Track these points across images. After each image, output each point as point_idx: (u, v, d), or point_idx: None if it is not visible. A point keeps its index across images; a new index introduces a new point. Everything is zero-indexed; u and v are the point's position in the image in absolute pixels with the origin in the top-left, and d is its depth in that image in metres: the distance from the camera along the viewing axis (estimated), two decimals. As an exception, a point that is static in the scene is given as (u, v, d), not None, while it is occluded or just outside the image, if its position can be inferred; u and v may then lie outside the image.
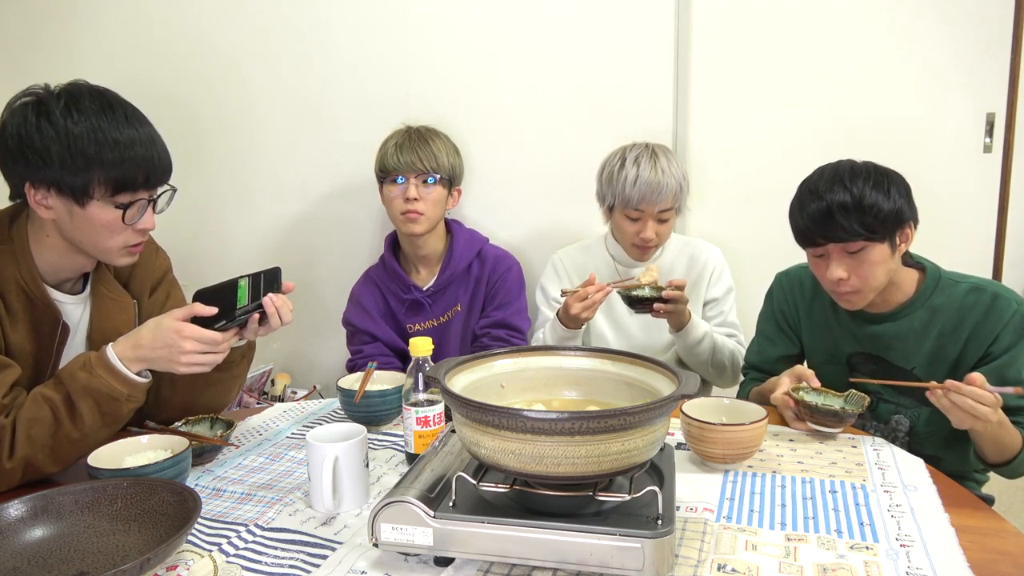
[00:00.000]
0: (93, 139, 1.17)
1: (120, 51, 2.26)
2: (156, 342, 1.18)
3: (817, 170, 1.36)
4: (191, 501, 0.96)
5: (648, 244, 1.75)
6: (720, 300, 1.83)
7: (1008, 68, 2.01)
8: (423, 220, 1.83)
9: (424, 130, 1.90)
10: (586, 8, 2.06)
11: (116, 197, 1.21)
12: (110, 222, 1.22)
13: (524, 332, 1.92)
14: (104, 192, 1.20)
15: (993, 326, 1.32)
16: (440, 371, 0.95)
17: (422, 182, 1.83)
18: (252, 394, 2.15)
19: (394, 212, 1.85)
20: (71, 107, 1.18)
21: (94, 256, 1.29)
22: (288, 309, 1.29)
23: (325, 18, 2.17)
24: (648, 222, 1.71)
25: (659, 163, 1.68)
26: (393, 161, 1.83)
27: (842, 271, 1.31)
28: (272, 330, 1.30)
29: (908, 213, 1.31)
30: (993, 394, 1.16)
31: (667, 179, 1.66)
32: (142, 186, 1.23)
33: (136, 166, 1.21)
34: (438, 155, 1.85)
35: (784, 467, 1.18)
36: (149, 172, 1.23)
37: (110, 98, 1.23)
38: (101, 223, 1.22)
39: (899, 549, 0.92)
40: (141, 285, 1.44)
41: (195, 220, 2.32)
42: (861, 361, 1.46)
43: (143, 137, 1.22)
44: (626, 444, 0.83)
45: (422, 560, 0.92)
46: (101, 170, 1.18)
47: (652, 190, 1.65)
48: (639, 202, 1.68)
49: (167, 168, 1.28)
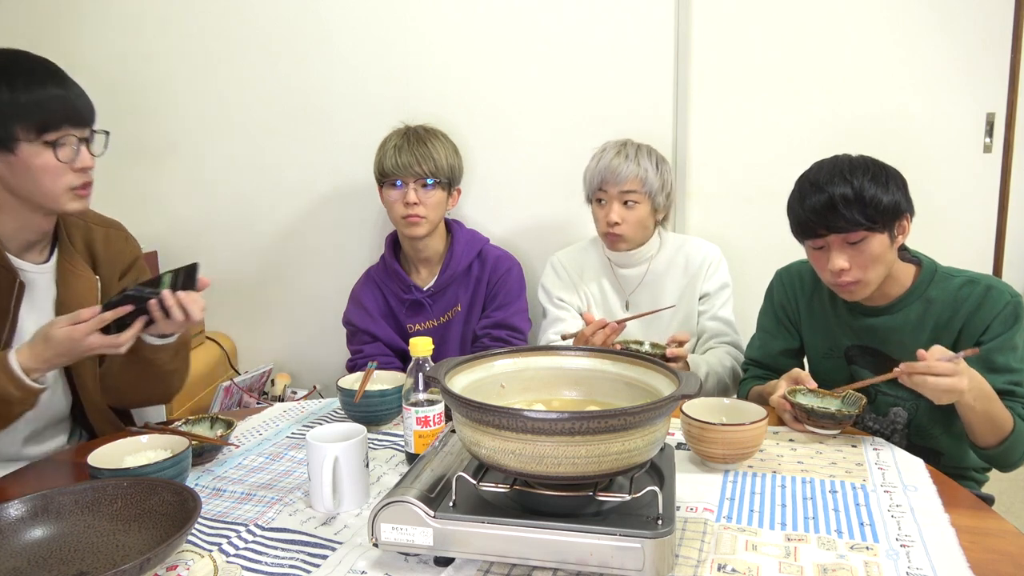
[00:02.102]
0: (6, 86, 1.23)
1: (120, 51, 2.26)
2: (55, 350, 1.23)
3: (815, 164, 1.37)
4: (191, 501, 0.96)
5: (613, 228, 1.74)
6: (712, 295, 1.81)
7: (1008, 68, 2.01)
8: (424, 223, 1.83)
9: (422, 131, 1.89)
10: (586, 8, 2.07)
11: (43, 136, 1.25)
12: (45, 164, 1.27)
13: (525, 333, 1.92)
14: (29, 134, 1.25)
15: (985, 316, 1.33)
16: (440, 371, 0.95)
17: (421, 186, 1.83)
18: (252, 394, 2.15)
19: (395, 216, 1.85)
20: None
21: (46, 207, 1.32)
22: (199, 307, 1.30)
23: (325, 18, 2.17)
24: (612, 204, 1.74)
25: (626, 150, 1.75)
26: (391, 164, 1.83)
27: (843, 261, 1.32)
28: (182, 326, 1.32)
29: (905, 205, 1.32)
30: (952, 360, 1.17)
31: (630, 163, 1.73)
32: (65, 122, 1.27)
33: (53, 104, 1.26)
34: (436, 157, 1.84)
35: (784, 467, 1.18)
36: (68, 109, 1.27)
37: (21, 54, 1.29)
38: (37, 167, 1.26)
39: (899, 549, 0.92)
40: (110, 268, 1.49)
41: (195, 220, 2.33)
42: (858, 354, 1.47)
43: (55, 78, 1.28)
44: (626, 444, 0.83)
45: (422, 560, 0.92)
46: (20, 112, 1.23)
47: (613, 170, 1.73)
48: (601, 183, 1.75)
49: (88, 107, 1.32)
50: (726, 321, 1.81)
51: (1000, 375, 1.30)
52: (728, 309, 1.82)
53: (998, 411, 1.26)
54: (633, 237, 1.78)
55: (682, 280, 1.82)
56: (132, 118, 2.25)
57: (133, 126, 2.26)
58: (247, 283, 2.37)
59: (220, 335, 2.37)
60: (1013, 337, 1.32)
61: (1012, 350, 1.32)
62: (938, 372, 1.17)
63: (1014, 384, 1.30)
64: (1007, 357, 1.32)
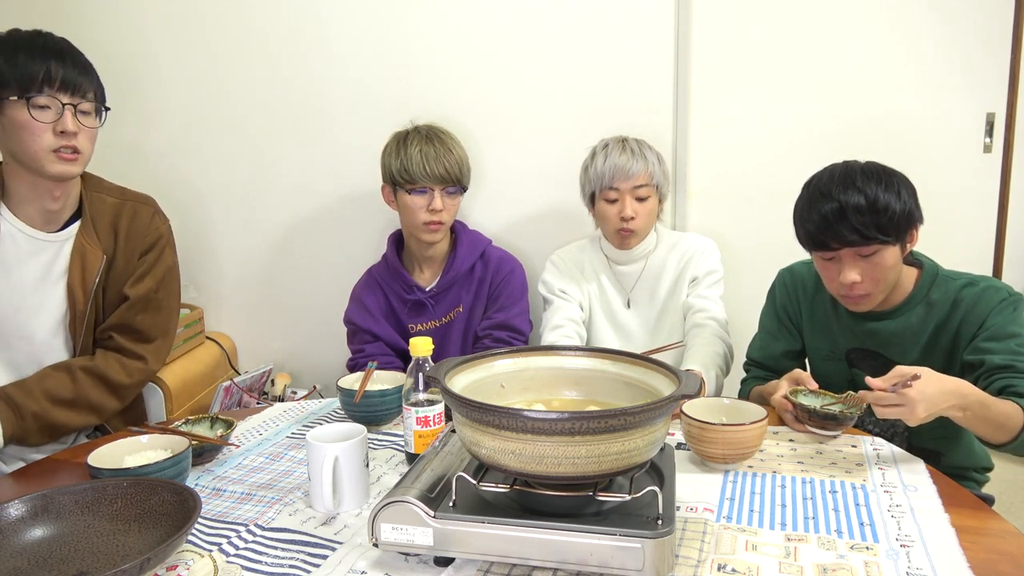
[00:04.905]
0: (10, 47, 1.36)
1: (120, 51, 2.26)
2: None
3: (824, 170, 1.34)
4: (191, 501, 0.96)
5: (629, 222, 1.75)
6: (699, 280, 1.80)
7: (1008, 68, 2.01)
8: (443, 229, 1.83)
9: (441, 133, 1.86)
10: (586, 8, 2.06)
11: (26, 95, 1.34)
12: (26, 121, 1.35)
13: (526, 334, 1.92)
14: (13, 91, 1.34)
15: (981, 312, 1.31)
16: (440, 371, 0.95)
17: (447, 193, 1.82)
18: (252, 394, 2.15)
19: (416, 221, 1.82)
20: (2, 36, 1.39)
21: (32, 167, 1.39)
22: None
23: (325, 18, 2.17)
24: (626, 199, 1.74)
25: (628, 145, 1.77)
26: (419, 171, 1.78)
27: (855, 274, 1.30)
28: None
29: (917, 214, 1.31)
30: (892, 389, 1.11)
31: (637, 158, 1.75)
32: (46, 84, 1.35)
33: (34, 63, 1.34)
34: (461, 164, 1.84)
35: (784, 467, 1.18)
36: (57, 77, 1.35)
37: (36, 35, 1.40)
38: (19, 124, 1.35)
39: (899, 549, 0.92)
40: (131, 243, 1.56)
41: (195, 220, 2.32)
42: (859, 357, 1.46)
43: (43, 44, 1.38)
44: (626, 444, 0.83)
45: (422, 560, 0.92)
46: (11, 76, 1.33)
47: (623, 167, 1.74)
48: (613, 180, 1.75)
49: (86, 81, 1.41)
50: (710, 298, 1.78)
51: (997, 354, 1.26)
52: (714, 294, 1.80)
53: (997, 412, 1.19)
54: (644, 230, 1.80)
55: (677, 273, 1.82)
56: (132, 118, 2.25)
57: (133, 126, 2.26)
58: (247, 283, 2.37)
59: (220, 335, 2.37)
60: (1008, 326, 1.29)
61: (1010, 337, 1.28)
62: (884, 403, 1.12)
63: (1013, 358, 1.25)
64: (1004, 342, 1.28)
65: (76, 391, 1.47)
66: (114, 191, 1.58)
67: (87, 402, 1.48)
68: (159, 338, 1.61)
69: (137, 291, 1.55)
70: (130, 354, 1.56)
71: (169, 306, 1.64)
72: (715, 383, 1.58)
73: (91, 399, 1.49)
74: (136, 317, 1.56)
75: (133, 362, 1.56)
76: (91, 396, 1.49)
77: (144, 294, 1.56)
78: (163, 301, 1.61)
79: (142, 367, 1.57)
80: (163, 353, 1.64)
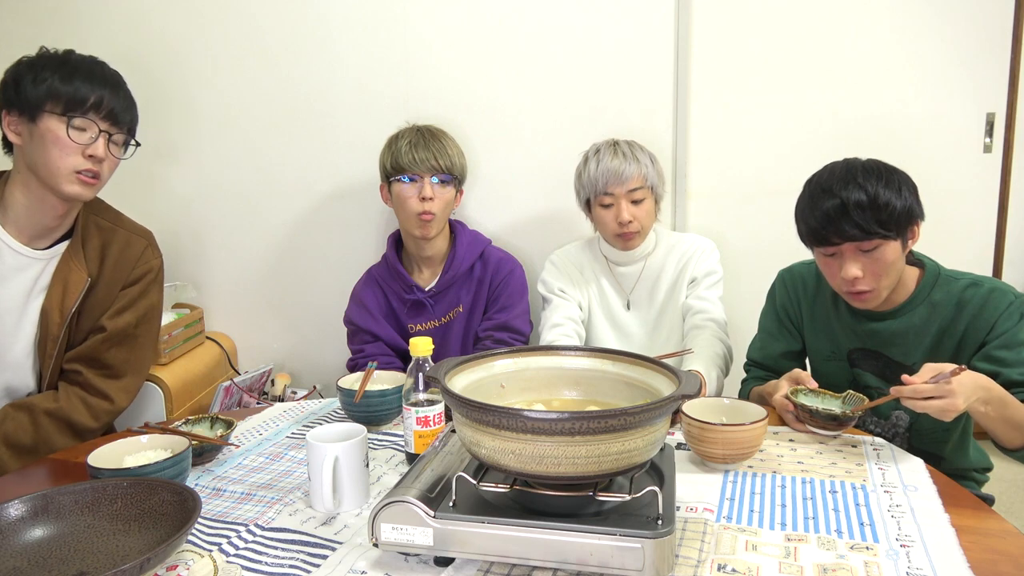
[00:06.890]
0: (58, 62, 1.38)
1: (119, 51, 2.24)
2: None
3: (825, 168, 1.35)
4: (191, 501, 0.96)
5: (626, 227, 1.75)
6: (698, 280, 1.80)
7: (1008, 68, 2.02)
8: (435, 221, 1.83)
9: (434, 129, 1.89)
10: (586, 8, 2.07)
11: (67, 114, 1.36)
12: (59, 137, 1.36)
13: (526, 335, 1.92)
14: (55, 106, 1.36)
15: (989, 316, 1.32)
16: (440, 371, 0.95)
17: (436, 181, 1.82)
18: (252, 394, 2.15)
19: (409, 212, 1.82)
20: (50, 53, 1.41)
21: (49, 182, 1.39)
22: None
23: (324, 18, 2.17)
24: (622, 203, 1.74)
25: (620, 149, 1.76)
26: (408, 159, 1.81)
27: (857, 269, 1.30)
28: None
29: (917, 211, 1.31)
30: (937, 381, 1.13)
31: (629, 161, 1.74)
32: (92, 110, 1.38)
33: (88, 87, 1.37)
34: (451, 154, 1.85)
35: (784, 467, 1.18)
36: (101, 98, 1.38)
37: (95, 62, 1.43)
38: (51, 137, 1.36)
39: (899, 549, 0.92)
40: (115, 273, 1.52)
41: (196, 220, 2.33)
42: (861, 357, 1.46)
43: (102, 73, 1.42)
44: (626, 444, 0.83)
45: (422, 560, 0.92)
46: (57, 93, 1.35)
47: (616, 171, 1.73)
48: (606, 185, 1.74)
49: (127, 114, 1.45)
50: (709, 299, 1.78)
51: (1014, 368, 1.28)
52: (713, 292, 1.80)
53: (1015, 411, 1.22)
54: (645, 229, 1.80)
55: (676, 274, 1.82)
56: (132, 118, 2.26)
57: (133, 126, 2.26)
58: (247, 283, 2.37)
59: (220, 335, 2.37)
60: (1019, 333, 1.30)
61: (1021, 345, 1.30)
62: (924, 395, 1.13)
63: None
64: (1017, 352, 1.29)
65: (36, 437, 1.42)
66: (111, 217, 1.55)
67: (48, 448, 1.43)
68: (129, 375, 1.54)
69: (116, 324, 1.50)
70: (96, 392, 1.49)
71: (145, 344, 1.58)
72: (715, 384, 1.58)
73: (52, 444, 1.43)
74: (109, 351, 1.50)
75: (99, 402, 1.49)
76: (53, 441, 1.43)
77: (123, 328, 1.51)
78: (140, 338, 1.55)
79: (108, 408, 1.50)
80: (132, 391, 1.56)
